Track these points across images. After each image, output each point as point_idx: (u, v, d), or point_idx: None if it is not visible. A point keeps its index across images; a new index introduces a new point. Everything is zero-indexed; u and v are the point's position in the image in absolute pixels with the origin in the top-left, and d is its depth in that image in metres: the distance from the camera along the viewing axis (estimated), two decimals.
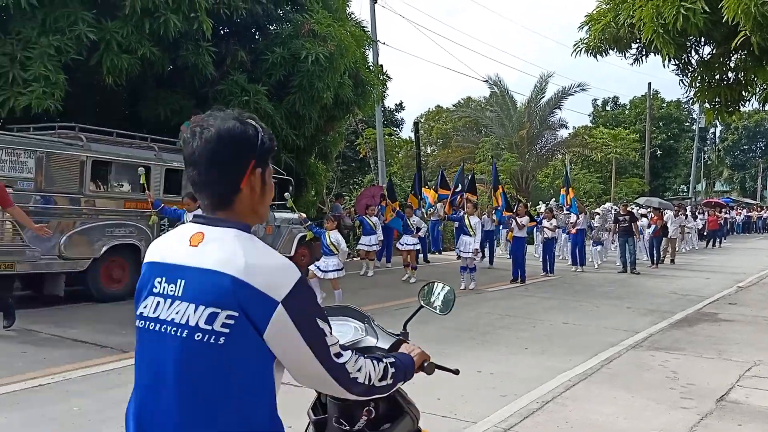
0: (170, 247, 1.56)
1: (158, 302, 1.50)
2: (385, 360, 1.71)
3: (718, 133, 65.33)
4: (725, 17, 7.82)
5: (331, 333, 1.52)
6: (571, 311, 10.03)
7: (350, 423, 2.00)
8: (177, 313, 1.45)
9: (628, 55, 11.12)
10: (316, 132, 14.35)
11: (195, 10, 10.74)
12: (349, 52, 13.38)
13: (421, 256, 15.88)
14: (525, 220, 13.93)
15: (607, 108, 56.09)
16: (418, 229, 13.95)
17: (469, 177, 18.80)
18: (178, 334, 1.44)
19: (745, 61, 9.87)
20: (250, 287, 1.40)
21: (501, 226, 17.69)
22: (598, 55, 11.12)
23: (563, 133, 36.51)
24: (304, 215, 11.85)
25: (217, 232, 1.50)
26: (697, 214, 28.19)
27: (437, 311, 2.44)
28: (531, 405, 5.19)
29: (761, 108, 13.29)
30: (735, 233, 37.02)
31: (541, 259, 16.07)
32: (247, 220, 1.55)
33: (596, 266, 17.21)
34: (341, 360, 1.53)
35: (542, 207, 20.86)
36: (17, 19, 9.92)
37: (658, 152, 49.56)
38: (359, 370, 1.58)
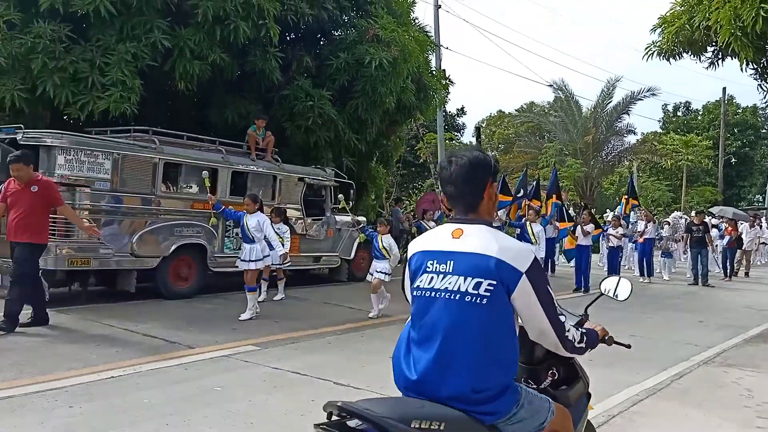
0: (435, 240, 2.27)
1: (432, 277, 2.19)
2: (580, 329, 2.39)
3: None
4: None
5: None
6: (639, 323, 9.72)
7: (537, 383, 2.54)
8: (449, 283, 2.14)
9: (703, 58, 10.77)
10: (377, 136, 14.45)
11: (263, 17, 11.00)
12: (413, 57, 13.43)
13: None
14: (590, 227, 13.62)
15: (679, 113, 54.22)
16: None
17: (534, 183, 18.43)
18: (452, 298, 2.13)
19: None
20: (504, 263, 2.08)
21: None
22: (671, 59, 10.81)
23: (631, 139, 35.52)
24: (358, 218, 11.95)
25: (472, 228, 2.19)
26: None
27: (617, 298, 3.07)
28: (597, 419, 5.05)
29: None
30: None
31: (605, 268, 15.67)
32: (487, 218, 2.27)
33: (665, 278, 16.66)
34: (561, 319, 2.22)
35: (609, 215, 20.35)
36: (97, 27, 10.38)
37: (733, 160, 47.61)
38: (569, 330, 2.26)
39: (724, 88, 41.76)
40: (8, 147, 9.53)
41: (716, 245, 17.68)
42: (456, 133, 33.51)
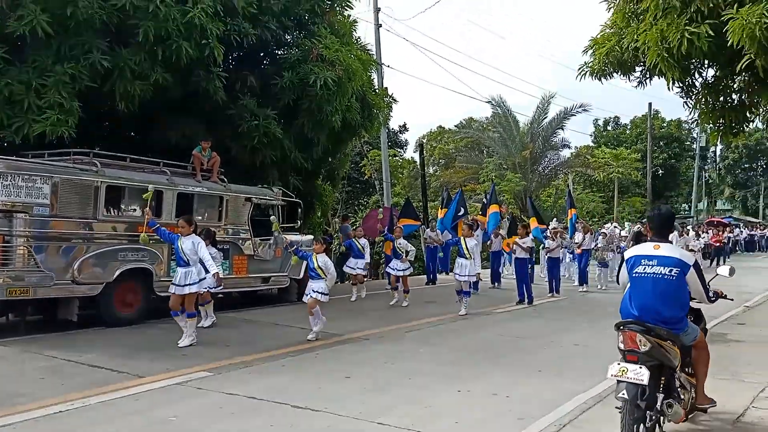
0: (644, 250, 4.77)
1: (645, 267, 4.65)
2: (712, 291, 5.07)
3: (718, 152, 65.54)
4: (730, 41, 7.95)
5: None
6: (582, 332, 10.07)
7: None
8: (654, 270, 4.62)
9: (632, 78, 11.22)
10: (323, 154, 14.51)
11: (207, 37, 10.92)
12: (357, 76, 13.57)
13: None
14: (528, 240, 13.90)
15: (609, 128, 56.36)
16: (407, 253, 13.09)
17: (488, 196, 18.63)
18: (658, 277, 4.60)
19: (749, 84, 9.98)
20: (684, 261, 4.64)
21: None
22: (602, 78, 11.24)
23: (566, 153, 36.81)
24: (290, 238, 11.83)
25: (665, 245, 4.75)
26: (700, 233, 28.25)
27: (731, 275, 5.70)
28: (549, 428, 5.24)
29: (766, 129, 13.42)
30: (738, 252, 37.01)
31: (546, 279, 16.07)
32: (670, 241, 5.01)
33: (600, 287, 17.02)
34: (707, 286, 4.90)
35: (551, 225, 20.92)
36: (33, 48, 10.08)
37: (660, 172, 49.74)
38: (709, 292, 4.94)
39: (650, 104, 43.56)
40: None
41: None
42: (399, 150, 33.88)
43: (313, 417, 5.48)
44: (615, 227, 21.52)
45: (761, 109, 11.48)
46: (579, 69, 11.45)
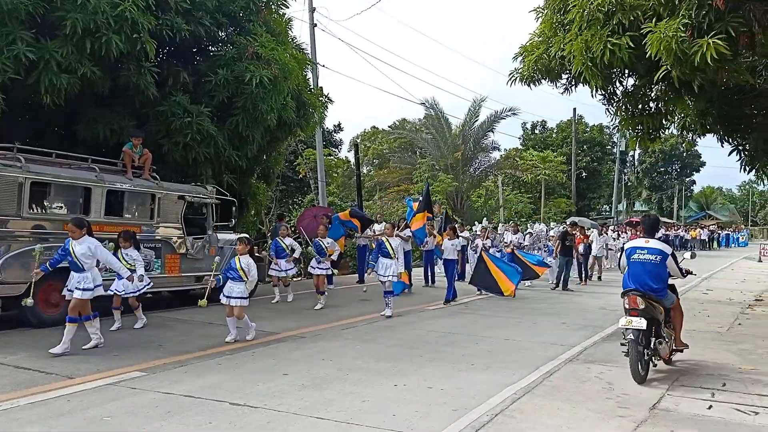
0: (638, 243, 7.25)
1: (638, 255, 7.08)
2: (684, 269, 7.43)
3: (637, 156, 68.70)
4: (648, 52, 8.45)
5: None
6: (511, 327, 10.44)
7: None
8: (645, 257, 7.02)
9: (558, 84, 11.71)
10: (258, 153, 14.39)
11: (138, 31, 10.72)
12: (293, 74, 13.56)
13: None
14: (456, 242, 14.17)
15: (536, 131, 58.15)
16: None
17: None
18: (648, 261, 7.01)
19: (665, 93, 10.61)
20: (664, 252, 7.07)
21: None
22: (531, 84, 11.68)
23: (496, 155, 37.80)
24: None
25: (652, 240, 7.20)
26: (620, 233, 29.53)
27: (692, 258, 8.31)
28: (482, 418, 5.46)
29: (680, 136, 14.23)
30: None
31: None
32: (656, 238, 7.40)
33: (528, 284, 17.41)
34: (681, 266, 7.29)
35: (478, 227, 21.45)
36: None
37: (583, 174, 51.75)
38: (682, 270, 7.32)
39: (574, 109, 45.68)
40: None
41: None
42: (334, 149, 33.89)
43: (252, 413, 5.52)
44: (543, 227, 22.29)
45: (676, 117, 12.23)
46: (509, 75, 11.88)
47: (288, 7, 15.33)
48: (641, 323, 6.64)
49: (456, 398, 6.07)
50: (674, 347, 7.40)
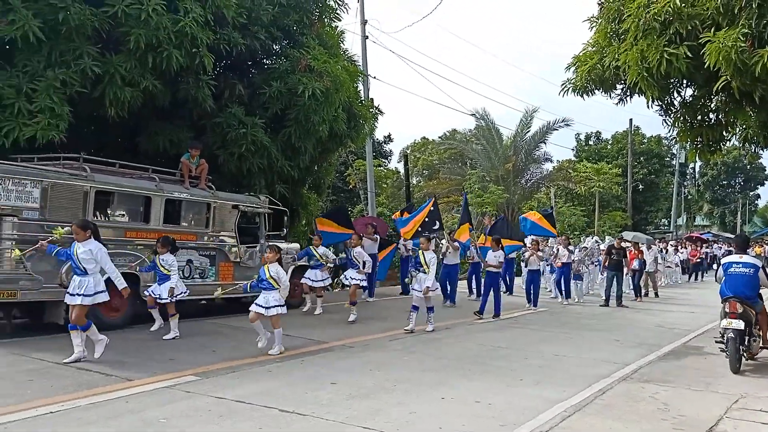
0: (734, 258, 8.72)
1: (735, 268, 8.51)
2: None
3: (697, 169, 66.66)
4: (707, 63, 8.26)
5: None
6: (562, 343, 10.27)
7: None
8: (740, 270, 8.45)
9: (613, 95, 11.52)
10: (310, 163, 14.62)
11: (197, 45, 11.07)
12: (344, 86, 13.76)
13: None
14: (499, 253, 13.56)
15: (590, 142, 57.09)
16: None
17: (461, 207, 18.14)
18: (743, 273, 8.42)
19: (725, 104, 10.31)
20: (756, 265, 8.53)
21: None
22: (584, 95, 11.53)
23: (548, 166, 37.23)
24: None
25: (746, 255, 8.70)
26: (679, 248, 28.71)
27: None
28: None
29: (742, 148, 13.74)
30: (716, 268, 37.55)
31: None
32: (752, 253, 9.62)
33: (577, 300, 16.97)
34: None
35: (529, 239, 21.12)
36: (23, 53, 10.13)
37: (640, 186, 50.47)
38: None
39: (631, 120, 44.42)
40: None
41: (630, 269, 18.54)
42: (384, 160, 34.11)
43: (300, 421, 5.61)
44: (596, 241, 21.73)
45: (737, 129, 11.85)
46: (562, 85, 11.76)
47: (340, 20, 15.61)
48: (740, 324, 8.07)
49: (504, 413, 6.02)
50: (761, 345, 8.76)
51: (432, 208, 15.18)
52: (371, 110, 17.19)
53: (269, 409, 5.91)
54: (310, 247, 12.80)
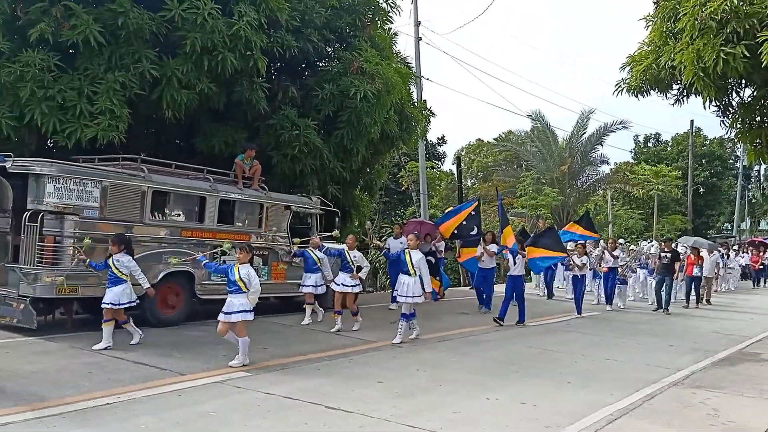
0: None
1: None
2: None
3: (762, 171, 64.00)
4: (765, 62, 7.99)
5: None
6: (613, 347, 10.09)
7: None
8: None
9: (669, 95, 11.28)
10: (362, 165, 14.74)
11: (251, 48, 11.29)
12: (396, 89, 13.82)
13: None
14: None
15: (649, 144, 55.58)
16: (360, 269, 10.73)
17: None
18: None
19: None
20: None
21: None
22: (639, 95, 11.31)
23: (604, 169, 36.44)
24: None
25: None
26: (740, 252, 27.67)
27: None
28: None
29: None
30: None
31: (570, 295, 15.64)
32: None
33: (621, 306, 16.17)
34: None
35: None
36: (85, 56, 10.56)
37: (701, 190, 48.86)
38: None
39: (692, 121, 43.06)
40: None
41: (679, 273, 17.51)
42: (437, 162, 34.06)
43: (346, 418, 5.70)
44: (651, 245, 20.85)
45: None
46: (616, 85, 11.58)
47: (393, 22, 15.65)
48: None
49: (549, 415, 5.97)
50: None
51: (473, 213, 14.13)
52: (423, 112, 17.21)
53: (316, 405, 6.02)
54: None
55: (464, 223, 13.98)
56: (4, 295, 9.16)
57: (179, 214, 10.78)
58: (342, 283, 10.47)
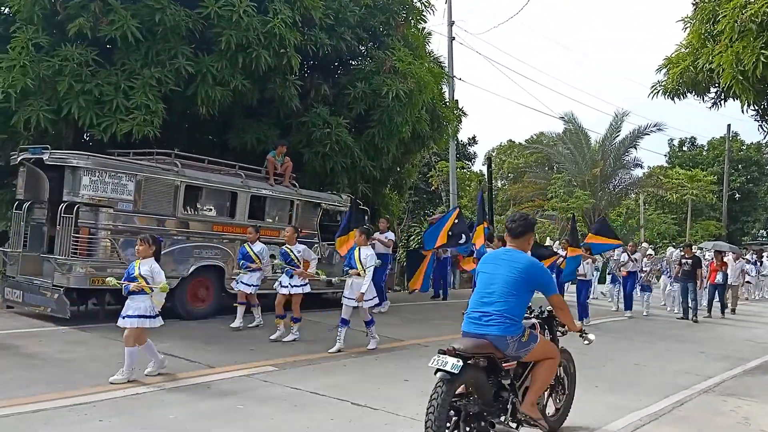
0: None
1: None
2: None
3: None
4: None
5: None
6: (643, 352, 9.95)
7: None
8: None
9: (706, 98, 11.08)
10: (392, 164, 14.78)
11: (284, 46, 11.39)
12: (428, 88, 13.82)
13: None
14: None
15: (684, 148, 54.53)
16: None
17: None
18: None
19: None
20: None
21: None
22: (675, 98, 11.13)
23: (638, 172, 35.90)
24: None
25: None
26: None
27: None
28: None
29: None
30: None
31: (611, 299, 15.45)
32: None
33: (644, 312, 15.62)
34: None
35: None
36: (122, 52, 10.78)
37: (737, 195, 47.79)
38: None
39: (729, 125, 42.11)
40: (34, 166, 9.94)
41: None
42: (467, 162, 33.89)
43: (372, 415, 5.72)
44: (676, 248, 20.08)
45: None
46: (652, 87, 11.42)
47: (426, 22, 15.68)
48: None
49: (574, 419, 5.89)
50: None
51: (456, 221, 13.08)
52: (455, 112, 17.17)
53: (342, 401, 6.05)
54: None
55: (450, 234, 12.98)
56: (39, 284, 9.40)
57: (211, 209, 10.93)
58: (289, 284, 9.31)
